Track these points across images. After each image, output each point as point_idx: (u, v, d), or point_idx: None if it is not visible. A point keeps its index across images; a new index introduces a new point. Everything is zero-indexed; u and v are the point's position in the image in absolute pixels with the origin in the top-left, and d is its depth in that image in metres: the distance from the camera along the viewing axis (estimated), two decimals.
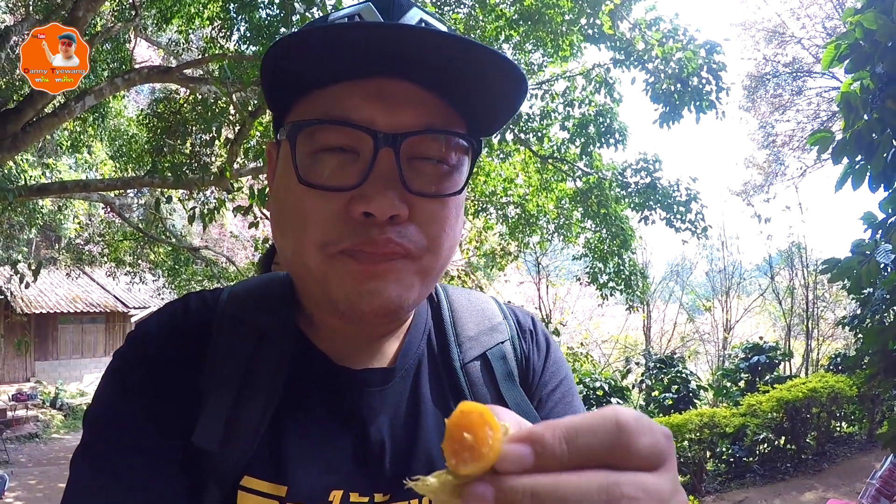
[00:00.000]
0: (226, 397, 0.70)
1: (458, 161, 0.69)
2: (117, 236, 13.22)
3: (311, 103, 0.68)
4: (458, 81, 0.65)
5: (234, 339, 0.74)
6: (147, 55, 12.56)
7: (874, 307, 6.93)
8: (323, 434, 0.72)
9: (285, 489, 0.68)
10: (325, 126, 0.65)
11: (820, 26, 16.25)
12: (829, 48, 3.31)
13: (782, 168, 18.64)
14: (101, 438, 0.68)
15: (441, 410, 0.78)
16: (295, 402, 0.73)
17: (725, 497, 8.16)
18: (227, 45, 7.86)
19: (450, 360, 0.81)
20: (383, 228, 0.64)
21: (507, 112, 0.71)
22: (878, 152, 3.12)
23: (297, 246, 0.68)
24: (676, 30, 7.83)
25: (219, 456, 0.67)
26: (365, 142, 0.64)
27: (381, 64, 0.64)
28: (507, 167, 10.81)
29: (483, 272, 14.45)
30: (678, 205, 9.45)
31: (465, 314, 0.86)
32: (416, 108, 0.66)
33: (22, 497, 9.21)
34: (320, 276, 0.67)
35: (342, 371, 0.75)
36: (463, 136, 0.69)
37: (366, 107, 0.64)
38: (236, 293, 0.80)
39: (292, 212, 0.68)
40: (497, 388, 0.81)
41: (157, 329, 0.75)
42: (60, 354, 18.59)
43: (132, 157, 10.44)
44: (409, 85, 0.66)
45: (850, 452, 9.30)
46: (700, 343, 17.20)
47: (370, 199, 0.63)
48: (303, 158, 0.66)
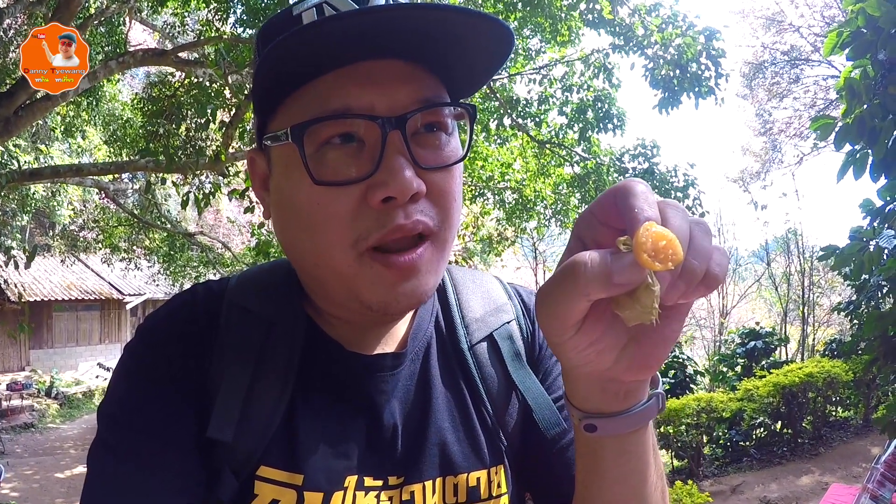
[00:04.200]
0: (238, 388, 0.70)
1: (453, 125, 0.71)
2: (112, 222, 13.18)
3: (302, 100, 0.66)
4: (437, 50, 0.66)
5: (243, 329, 0.74)
6: (142, 38, 12.42)
7: (870, 293, 6.97)
8: (336, 420, 0.73)
9: (301, 477, 0.69)
10: (327, 121, 0.64)
11: (818, 15, 16.22)
12: (831, 35, 3.30)
13: (779, 155, 18.70)
14: (118, 429, 0.69)
15: (450, 392, 0.79)
16: (308, 390, 0.73)
17: (723, 481, 8.23)
18: (224, 28, 7.78)
19: (457, 342, 0.82)
20: (407, 211, 0.65)
21: (487, 71, 0.72)
22: (880, 138, 3.11)
23: (321, 248, 0.67)
24: (676, 16, 7.79)
25: (234, 447, 0.68)
26: (370, 129, 0.64)
27: (364, 48, 0.64)
28: (505, 152, 10.78)
29: (480, 257, 14.48)
30: (676, 190, 9.44)
31: (470, 296, 0.87)
32: (407, 85, 0.66)
33: (18, 488, 9.19)
34: (351, 278, 0.67)
35: (354, 357, 0.76)
36: (459, 104, 0.70)
37: (361, 93, 0.64)
38: (243, 282, 0.81)
39: (308, 214, 0.67)
40: (505, 368, 0.82)
41: (165, 321, 0.76)
42: (55, 343, 18.54)
43: (126, 141, 10.35)
44: (395, 62, 0.66)
45: (846, 437, 9.38)
46: (697, 328, 17.27)
47: (388, 184, 0.63)
48: (310, 157, 0.65)
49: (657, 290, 0.47)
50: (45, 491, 9.15)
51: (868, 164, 3.25)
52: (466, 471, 0.76)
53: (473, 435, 0.78)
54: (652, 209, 0.48)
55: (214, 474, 0.68)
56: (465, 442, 0.77)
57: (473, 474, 0.76)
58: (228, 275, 3.85)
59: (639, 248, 0.45)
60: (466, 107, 0.71)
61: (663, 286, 0.47)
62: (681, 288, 0.48)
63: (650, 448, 0.64)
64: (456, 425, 0.78)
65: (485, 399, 0.80)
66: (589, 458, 0.65)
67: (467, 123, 0.72)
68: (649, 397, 0.60)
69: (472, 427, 0.79)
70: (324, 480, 0.69)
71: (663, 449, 8.59)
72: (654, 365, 0.55)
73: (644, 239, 0.45)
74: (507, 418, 0.81)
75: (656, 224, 0.46)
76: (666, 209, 0.49)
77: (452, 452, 0.76)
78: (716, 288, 0.50)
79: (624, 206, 0.49)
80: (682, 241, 0.47)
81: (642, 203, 0.48)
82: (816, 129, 3.41)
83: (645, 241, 0.45)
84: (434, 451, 0.75)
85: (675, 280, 0.48)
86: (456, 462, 0.76)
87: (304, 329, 0.76)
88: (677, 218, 0.49)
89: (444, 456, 0.76)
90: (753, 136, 19.30)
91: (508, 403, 0.82)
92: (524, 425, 0.82)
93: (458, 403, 0.79)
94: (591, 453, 0.64)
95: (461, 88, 0.74)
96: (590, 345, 0.52)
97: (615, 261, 0.46)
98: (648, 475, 0.65)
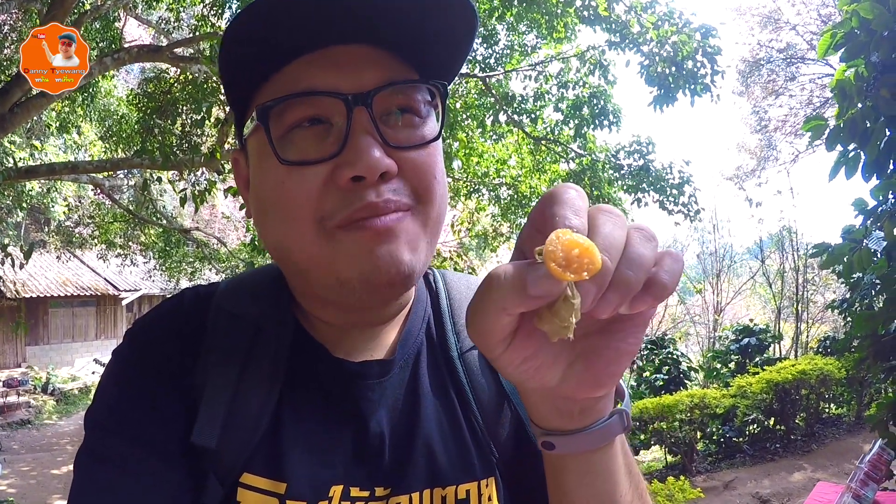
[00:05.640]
0: (223, 394, 0.69)
1: (426, 110, 0.69)
2: (107, 218, 13.11)
3: (271, 87, 0.66)
4: (407, 34, 0.65)
5: (229, 335, 0.73)
6: (137, 34, 12.36)
7: (863, 292, 6.98)
8: (322, 429, 0.71)
9: (284, 486, 0.67)
10: (293, 102, 0.64)
11: (815, 13, 16.22)
12: (825, 36, 3.31)
13: (774, 153, 18.72)
14: (104, 435, 0.68)
15: (440, 401, 0.77)
16: (293, 396, 0.72)
17: (716, 477, 8.28)
18: (219, 24, 7.74)
19: (447, 350, 0.80)
20: (378, 189, 0.63)
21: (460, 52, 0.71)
22: (871, 140, 3.13)
23: (289, 232, 0.66)
24: (672, 13, 7.78)
25: (218, 453, 0.67)
26: (336, 108, 0.63)
27: (329, 33, 0.64)
28: (500, 148, 10.78)
29: (475, 253, 14.47)
30: (671, 187, 9.46)
31: (463, 301, 0.84)
32: (374, 68, 0.65)
33: (15, 484, 9.19)
34: (325, 258, 0.65)
35: (340, 364, 0.74)
36: (427, 82, 0.68)
37: (326, 75, 0.64)
38: (231, 286, 0.80)
39: (275, 197, 0.66)
40: (496, 377, 0.80)
41: (153, 325, 0.75)
42: (51, 339, 18.50)
43: (122, 137, 10.31)
44: (362, 47, 0.66)
45: (839, 433, 9.44)
46: (691, 325, 17.32)
47: (355, 162, 0.62)
48: (278, 140, 0.64)
49: (577, 304, 0.43)
50: (42, 487, 9.15)
51: (860, 164, 3.26)
52: (455, 483, 0.73)
53: (463, 446, 0.75)
54: (577, 216, 0.45)
55: (201, 481, 0.67)
56: (454, 453, 0.75)
57: (463, 486, 0.74)
58: (225, 271, 3.79)
59: (547, 256, 0.42)
60: (436, 84, 0.69)
61: (587, 298, 0.43)
62: (613, 300, 0.44)
63: (619, 468, 0.61)
64: (445, 436, 0.75)
65: (475, 409, 0.78)
66: (553, 478, 0.62)
67: (439, 104, 0.70)
68: (611, 414, 0.57)
69: (461, 438, 0.76)
70: (308, 490, 0.68)
71: (656, 444, 8.62)
72: (606, 382, 0.51)
73: (552, 247, 0.42)
74: (498, 429, 0.78)
75: (571, 231, 0.43)
76: (596, 215, 0.47)
77: (441, 464, 0.73)
78: (666, 297, 0.46)
79: (548, 214, 0.46)
80: (609, 249, 0.44)
81: (565, 210, 0.46)
82: (808, 130, 3.42)
83: (553, 249, 0.42)
84: (422, 463, 0.73)
85: (604, 291, 0.44)
86: (444, 474, 0.73)
87: (292, 333, 0.74)
88: (607, 224, 0.46)
89: (432, 467, 0.73)
90: (749, 133, 19.34)
91: (500, 414, 0.79)
92: (517, 437, 0.79)
93: (448, 413, 0.77)
94: (554, 473, 0.61)
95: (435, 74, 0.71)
96: (524, 360, 0.49)
97: (530, 272, 0.43)
98: (618, 497, 0.61)
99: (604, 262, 0.43)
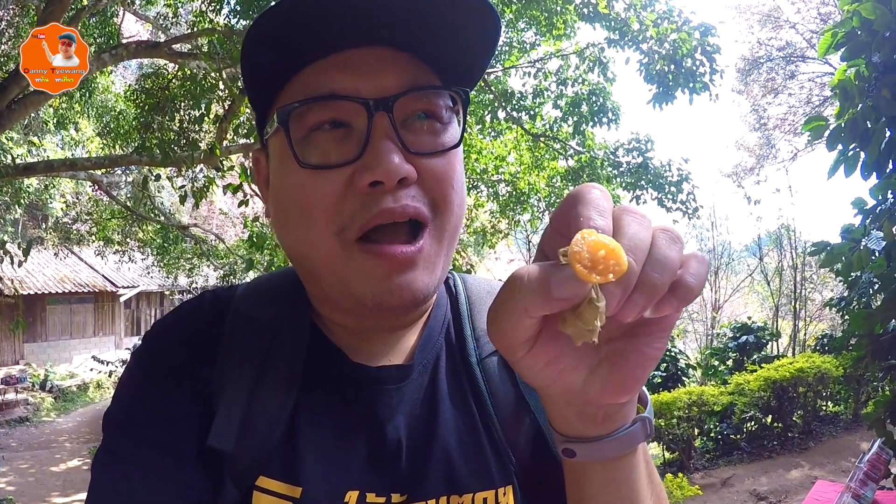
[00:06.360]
0: (240, 397, 0.69)
1: (448, 116, 0.69)
2: (105, 214, 13.08)
3: (291, 89, 0.66)
4: (427, 37, 0.65)
5: (247, 337, 0.73)
6: (135, 29, 12.32)
7: (861, 290, 6.99)
8: (338, 433, 0.71)
9: (300, 490, 0.67)
10: (314, 106, 0.64)
11: (814, 11, 16.23)
12: (826, 35, 3.30)
13: (773, 151, 18.74)
14: (122, 437, 0.68)
15: (458, 407, 0.76)
16: (310, 400, 0.71)
17: (713, 474, 8.30)
18: (217, 20, 7.71)
19: (466, 356, 0.79)
20: (396, 195, 0.63)
21: (481, 57, 0.70)
22: (872, 140, 3.12)
23: (307, 238, 0.66)
24: (671, 11, 7.79)
25: (235, 456, 0.67)
26: (356, 112, 0.63)
27: (350, 35, 0.63)
28: (499, 145, 10.78)
29: (474, 249, 14.48)
30: (670, 185, 9.47)
31: (483, 307, 0.83)
32: (394, 71, 0.65)
33: (14, 482, 9.16)
34: (341, 270, 0.65)
35: (358, 368, 0.74)
36: (449, 88, 0.68)
37: (346, 79, 0.64)
38: (250, 290, 0.80)
39: (294, 201, 0.66)
40: (516, 384, 0.79)
41: (171, 327, 0.76)
42: (49, 336, 18.46)
43: (120, 133, 10.27)
44: (382, 50, 0.65)
45: (836, 431, 9.47)
46: (689, 322, 17.32)
47: (375, 167, 0.61)
48: (298, 142, 0.64)
49: (602, 307, 0.42)
50: (40, 485, 9.12)
51: (859, 163, 3.26)
52: (473, 490, 0.72)
53: (481, 453, 0.74)
54: (602, 217, 0.44)
55: (218, 483, 0.67)
56: (472, 460, 0.74)
57: (480, 494, 0.72)
58: (222, 267, 3.77)
59: (572, 258, 0.41)
60: (458, 91, 0.68)
61: (612, 301, 0.42)
62: (639, 302, 0.43)
63: (641, 476, 0.59)
64: (463, 443, 0.74)
65: (493, 416, 0.76)
66: (574, 485, 0.60)
67: (460, 110, 0.70)
68: (634, 421, 0.56)
69: (479, 445, 0.75)
70: (323, 494, 0.67)
71: (654, 442, 8.64)
72: (631, 387, 0.50)
73: (578, 248, 0.41)
74: (517, 437, 0.77)
75: (596, 232, 0.42)
76: (621, 216, 0.46)
77: (458, 471, 0.72)
78: (692, 300, 0.46)
79: (572, 215, 0.45)
80: (635, 251, 0.43)
81: (590, 210, 0.45)
82: (809, 129, 3.42)
83: (579, 250, 0.41)
84: (439, 469, 0.72)
85: (630, 294, 0.43)
86: (462, 481, 0.72)
87: (309, 337, 0.74)
88: (633, 225, 0.45)
89: (449, 474, 0.72)
90: (748, 131, 19.36)
91: (519, 421, 0.77)
92: (535, 444, 0.77)
93: (466, 420, 0.76)
94: (574, 480, 0.60)
95: (456, 79, 0.71)
96: (546, 364, 0.49)
97: (555, 274, 0.42)
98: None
99: (630, 264, 0.42)
